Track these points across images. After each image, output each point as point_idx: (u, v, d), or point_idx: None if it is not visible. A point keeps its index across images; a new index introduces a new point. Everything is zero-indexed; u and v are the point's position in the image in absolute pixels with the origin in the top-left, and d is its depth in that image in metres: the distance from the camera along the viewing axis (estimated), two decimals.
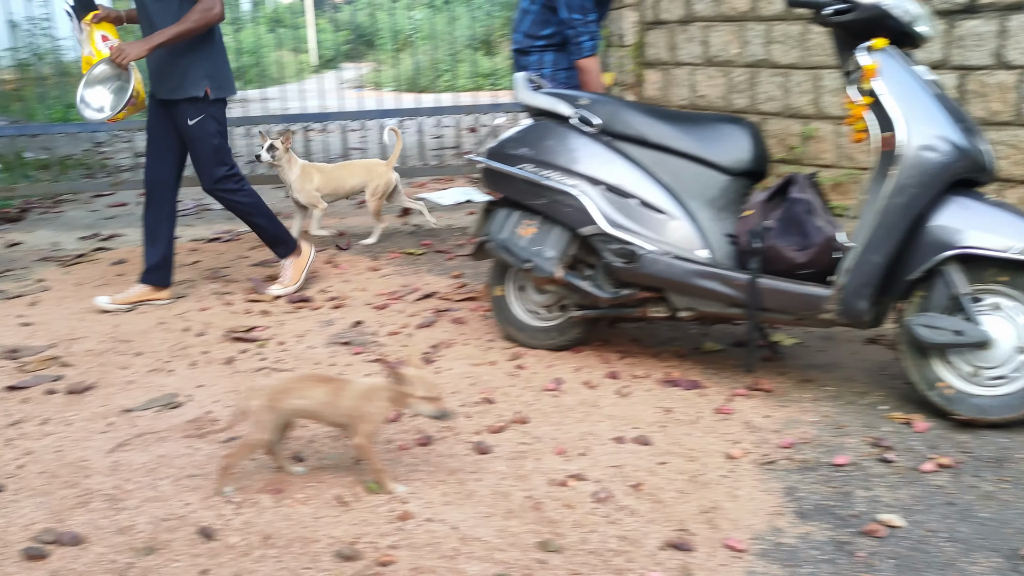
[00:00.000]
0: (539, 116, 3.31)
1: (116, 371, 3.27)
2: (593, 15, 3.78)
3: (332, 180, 4.97)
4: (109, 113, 3.82)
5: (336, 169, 5.07)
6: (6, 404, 3.00)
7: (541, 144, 3.21)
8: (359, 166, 5.16)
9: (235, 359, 3.35)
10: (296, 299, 4.07)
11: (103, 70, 3.84)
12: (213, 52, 3.87)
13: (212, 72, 3.85)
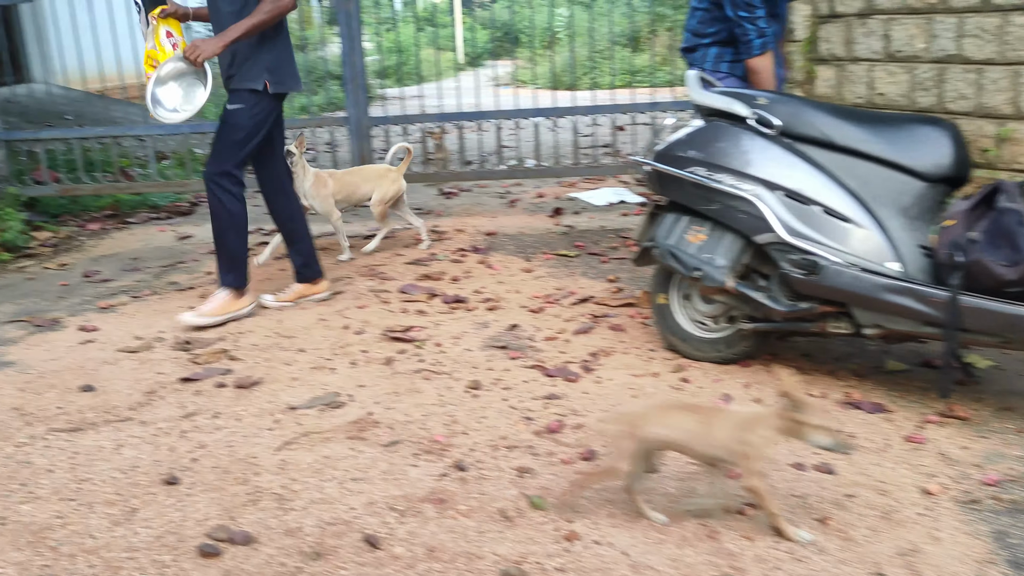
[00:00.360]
0: (712, 116, 3.14)
1: (281, 367, 3.33)
2: (761, 11, 3.54)
3: (345, 186, 4.83)
4: (185, 115, 3.74)
5: (348, 175, 4.93)
6: (180, 395, 3.10)
7: (714, 146, 3.04)
8: (371, 172, 5.03)
9: (394, 359, 3.35)
10: (452, 299, 4.05)
11: (173, 67, 3.74)
12: (276, 45, 3.77)
13: (273, 65, 3.75)
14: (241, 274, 3.90)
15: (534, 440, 2.68)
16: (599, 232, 5.20)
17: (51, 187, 5.90)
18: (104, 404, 3.05)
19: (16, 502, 2.41)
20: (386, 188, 4.90)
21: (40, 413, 3.00)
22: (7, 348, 3.70)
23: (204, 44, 3.61)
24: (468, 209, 6.08)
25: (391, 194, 4.93)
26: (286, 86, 3.83)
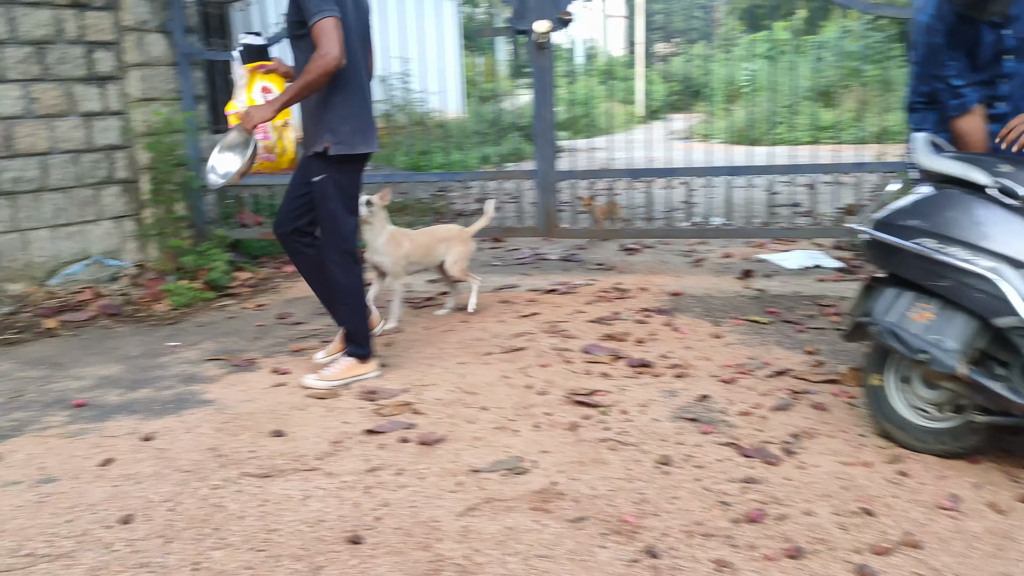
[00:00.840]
0: (942, 183, 2.85)
1: (464, 424, 3.27)
2: (952, 67, 3.10)
3: (420, 247, 4.67)
4: (220, 181, 3.66)
5: (422, 236, 4.75)
6: (365, 447, 3.09)
7: (944, 216, 2.75)
8: (444, 232, 4.89)
9: (579, 425, 3.22)
10: (637, 363, 3.89)
11: (235, 136, 3.67)
12: (341, 105, 3.58)
13: (334, 126, 3.57)
14: (365, 344, 3.84)
15: (732, 529, 2.46)
16: (793, 298, 4.90)
17: (253, 230, 6.22)
18: (293, 451, 3.08)
19: (209, 547, 2.43)
20: (459, 249, 4.83)
21: (234, 455, 3.06)
22: (207, 386, 3.85)
23: (255, 110, 3.52)
24: (651, 267, 5.91)
25: (466, 255, 4.87)
26: (351, 147, 3.62)
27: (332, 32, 3.35)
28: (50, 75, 5.57)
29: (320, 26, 3.35)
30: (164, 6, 5.99)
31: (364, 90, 3.68)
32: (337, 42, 3.36)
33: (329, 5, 3.37)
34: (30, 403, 3.75)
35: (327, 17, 3.35)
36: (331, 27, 3.35)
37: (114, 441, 3.26)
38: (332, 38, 3.35)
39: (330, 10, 3.36)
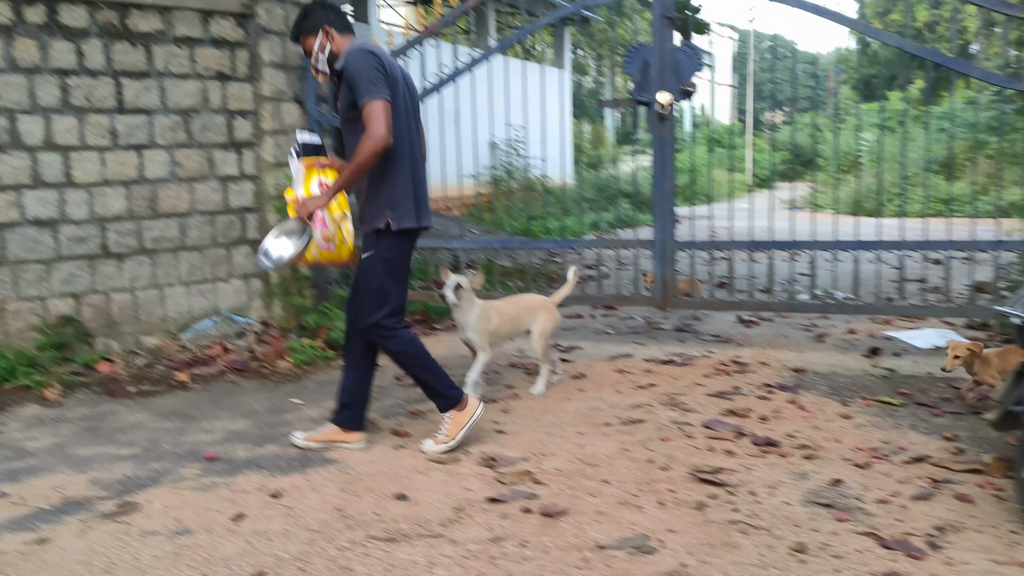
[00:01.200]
0: None
1: (586, 497, 3.22)
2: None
3: (508, 320, 4.54)
4: (269, 264, 3.71)
5: (508, 307, 4.61)
6: (488, 516, 3.08)
7: None
8: (528, 302, 4.73)
9: (705, 505, 3.13)
10: (762, 441, 3.77)
11: (292, 224, 3.74)
12: (397, 181, 3.67)
13: (395, 202, 3.66)
14: (452, 393, 3.83)
15: None
16: (926, 379, 4.68)
17: None
18: (417, 516, 3.10)
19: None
20: (545, 320, 4.66)
21: (360, 517, 3.09)
22: (328, 448, 3.92)
23: (310, 200, 3.62)
24: (770, 340, 5.77)
25: (551, 326, 4.68)
26: (409, 222, 3.70)
27: (381, 114, 3.49)
28: (194, 141, 5.91)
29: (370, 108, 3.49)
30: (299, 78, 6.31)
31: (418, 167, 3.79)
32: (385, 124, 3.48)
33: (379, 88, 3.52)
34: (165, 454, 3.89)
35: (377, 100, 3.49)
36: (380, 109, 3.49)
37: (244, 496, 3.34)
38: (381, 120, 3.48)
39: (380, 93, 3.51)
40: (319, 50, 3.72)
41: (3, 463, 3.86)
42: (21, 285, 5.39)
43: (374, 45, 3.75)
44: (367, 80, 3.50)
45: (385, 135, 3.47)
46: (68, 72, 5.43)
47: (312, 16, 3.74)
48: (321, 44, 3.72)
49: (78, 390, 5.09)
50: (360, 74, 3.52)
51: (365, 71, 3.52)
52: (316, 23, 3.72)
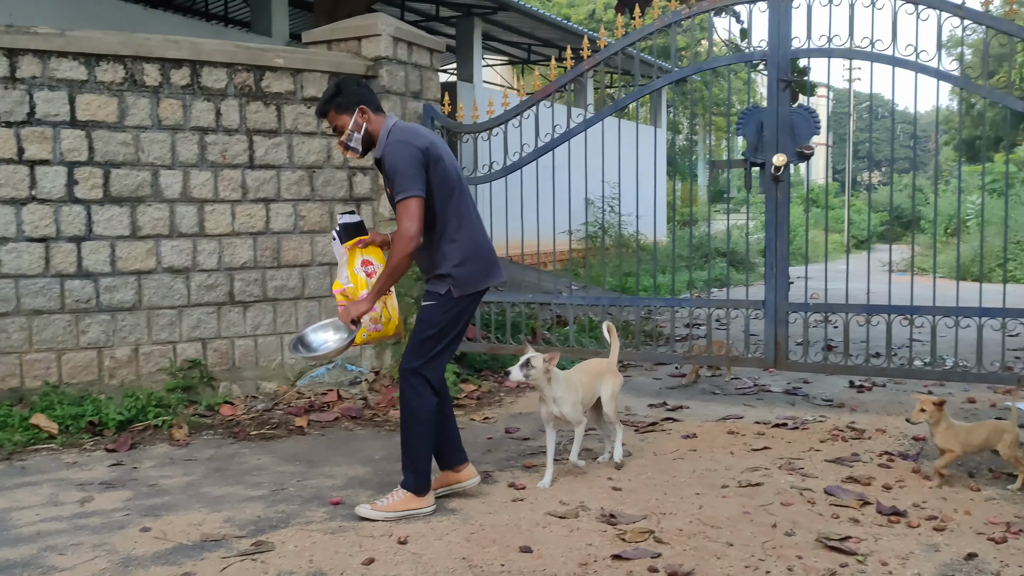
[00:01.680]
0: None
1: (712, 559, 3.21)
2: None
3: (586, 388, 4.30)
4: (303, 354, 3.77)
5: (576, 373, 4.38)
6: (614, 573, 3.10)
7: None
8: (594, 367, 4.52)
9: (835, 573, 3.08)
10: (888, 510, 3.69)
11: (336, 324, 3.83)
12: (457, 248, 3.75)
13: (452, 271, 3.74)
14: (423, 477, 3.78)
15: None
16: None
17: (480, 344, 6.51)
18: (542, 568, 3.14)
19: None
20: (612, 382, 4.46)
21: (486, 567, 3.15)
22: (448, 498, 4.00)
23: (354, 306, 3.69)
24: (886, 407, 5.65)
25: (618, 388, 4.50)
26: (472, 287, 3.78)
27: (414, 213, 3.59)
28: (316, 196, 6.21)
29: (402, 206, 3.61)
30: None
31: (475, 230, 3.85)
32: (417, 223, 3.59)
33: (414, 185, 3.61)
34: (292, 496, 4.04)
35: (410, 198, 3.59)
36: (413, 208, 3.59)
37: (372, 541, 3.44)
38: (413, 220, 3.59)
39: (413, 190, 3.61)
40: (353, 128, 3.77)
41: (142, 499, 4.07)
42: (154, 329, 5.70)
43: (413, 129, 3.82)
44: (403, 176, 3.60)
45: (415, 235, 3.58)
46: (207, 130, 5.79)
47: (347, 94, 3.77)
48: (356, 123, 3.77)
49: (203, 431, 5.33)
50: (396, 169, 3.63)
51: (401, 166, 3.61)
52: (352, 101, 3.77)
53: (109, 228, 5.53)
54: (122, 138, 5.53)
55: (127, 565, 3.25)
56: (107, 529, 3.65)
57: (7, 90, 5.23)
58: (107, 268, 5.54)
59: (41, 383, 5.38)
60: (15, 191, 5.28)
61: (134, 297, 5.62)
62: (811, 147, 5.30)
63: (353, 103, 3.76)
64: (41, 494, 4.15)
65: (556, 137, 6.17)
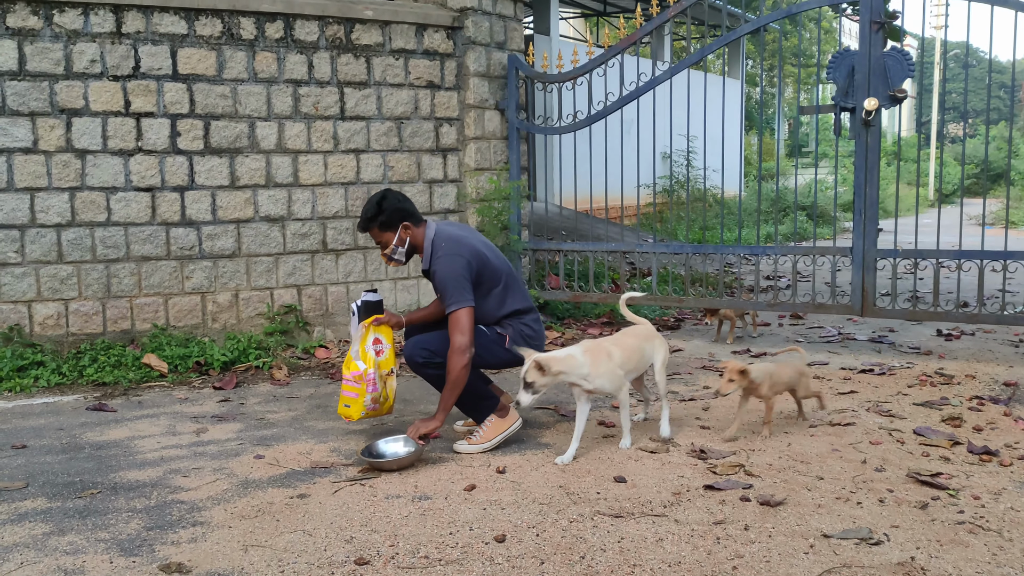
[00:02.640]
0: None
1: (802, 491, 3.29)
2: None
3: (631, 352, 3.94)
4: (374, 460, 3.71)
5: (622, 338, 4.03)
6: (707, 501, 3.21)
7: None
8: (647, 332, 4.11)
9: (928, 505, 3.13)
10: (979, 450, 3.71)
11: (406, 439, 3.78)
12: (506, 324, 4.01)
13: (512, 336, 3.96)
14: (491, 399, 3.99)
15: None
16: None
17: (563, 292, 6.62)
18: (637, 496, 3.26)
19: (579, 572, 2.65)
20: (663, 349, 4.11)
21: (583, 495, 3.30)
22: (542, 431, 4.16)
23: (423, 424, 3.77)
24: (975, 354, 5.59)
25: (667, 356, 4.16)
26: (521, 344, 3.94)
27: (465, 323, 3.75)
28: (404, 147, 6.35)
29: (454, 317, 3.76)
30: (501, 87, 6.65)
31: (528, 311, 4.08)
32: (468, 335, 3.74)
33: (463, 296, 3.77)
34: (391, 431, 4.24)
35: (460, 309, 3.76)
36: (464, 319, 3.76)
37: (472, 471, 3.62)
38: (465, 329, 3.74)
39: (463, 301, 3.77)
40: (398, 244, 3.94)
41: (252, 431, 4.32)
42: (252, 276, 5.96)
43: (456, 238, 3.94)
44: (452, 289, 3.78)
45: (467, 346, 3.73)
46: (300, 82, 5.97)
47: (390, 213, 3.90)
48: (400, 239, 3.94)
49: (301, 372, 5.59)
50: (446, 282, 3.80)
51: (450, 280, 3.79)
52: (395, 220, 3.91)
53: (210, 178, 5.78)
54: (221, 91, 5.75)
55: (246, 487, 3.49)
56: (224, 456, 3.91)
57: (114, 45, 5.48)
58: (208, 217, 5.80)
59: (150, 326, 5.70)
60: (123, 143, 5.56)
61: (234, 245, 5.88)
62: (904, 91, 5.21)
63: (396, 221, 3.94)
64: (160, 425, 4.44)
65: (641, 86, 6.18)
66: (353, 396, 3.94)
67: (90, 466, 3.79)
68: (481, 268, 3.91)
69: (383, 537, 2.93)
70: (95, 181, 5.51)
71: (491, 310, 3.98)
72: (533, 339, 4.02)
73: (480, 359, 3.90)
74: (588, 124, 6.41)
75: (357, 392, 3.93)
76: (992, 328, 6.37)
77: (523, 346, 3.87)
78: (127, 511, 3.24)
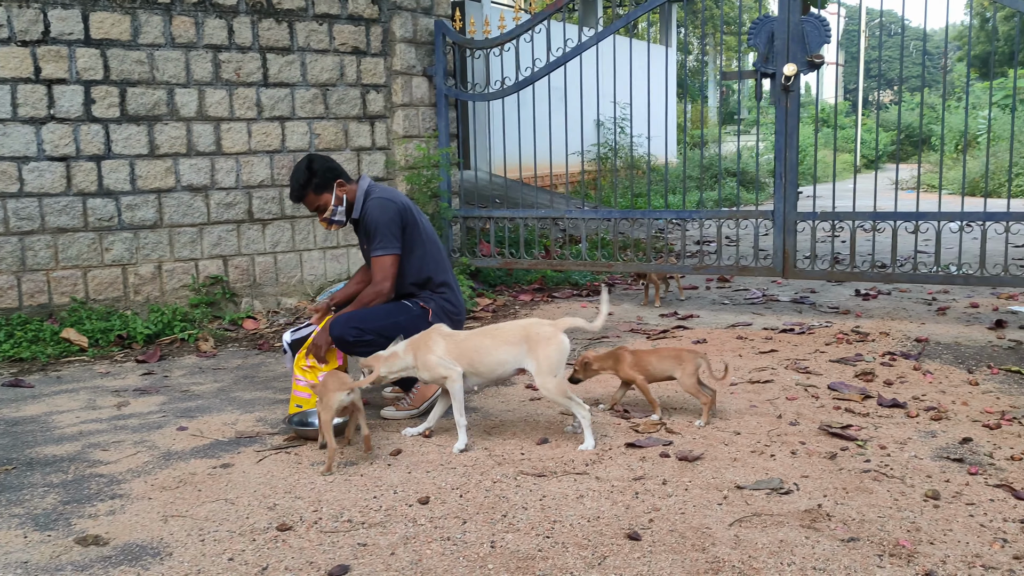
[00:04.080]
0: None
1: (720, 446, 3.39)
2: None
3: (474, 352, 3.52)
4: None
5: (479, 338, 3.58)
6: (628, 459, 3.28)
7: None
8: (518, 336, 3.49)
9: (837, 455, 3.26)
10: (888, 402, 3.86)
11: None
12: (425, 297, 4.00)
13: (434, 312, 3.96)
14: None
15: (1015, 565, 2.43)
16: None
17: (494, 259, 6.65)
18: (560, 456, 3.33)
19: (501, 530, 2.70)
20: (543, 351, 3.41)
21: (508, 456, 3.35)
22: (469, 396, 4.19)
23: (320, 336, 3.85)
24: (890, 312, 5.79)
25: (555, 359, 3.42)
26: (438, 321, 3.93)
27: (390, 269, 3.83)
28: (330, 114, 6.27)
29: (380, 262, 3.83)
30: (428, 53, 6.59)
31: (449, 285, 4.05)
32: (391, 280, 3.83)
33: (393, 243, 3.83)
34: None
35: (387, 255, 3.83)
36: (389, 265, 3.83)
37: (399, 436, 3.64)
38: (389, 275, 3.83)
39: (392, 248, 3.83)
40: (336, 203, 3.92)
41: (176, 403, 4.27)
42: (176, 247, 5.85)
43: (391, 190, 3.97)
44: (381, 234, 3.82)
45: (388, 292, 3.83)
46: (220, 48, 5.84)
47: (322, 173, 3.88)
48: (338, 198, 3.92)
49: (229, 344, 5.53)
50: (377, 225, 3.83)
51: (382, 224, 3.83)
52: (330, 179, 3.89)
53: (128, 147, 5.64)
54: (137, 56, 5.59)
55: (168, 458, 3.45)
56: (145, 429, 3.86)
57: (21, 8, 5.28)
58: (127, 187, 5.66)
59: (69, 299, 5.56)
60: (34, 110, 5.37)
61: (155, 215, 5.75)
62: (821, 56, 5.32)
63: (330, 180, 3.91)
64: (79, 400, 4.36)
65: (568, 51, 6.19)
66: (305, 396, 3.91)
67: (5, 442, 3.70)
68: (410, 223, 3.91)
69: (307, 503, 2.94)
70: (5, 150, 5.33)
71: (413, 267, 3.95)
72: (454, 314, 4.03)
73: (408, 334, 3.89)
74: (516, 91, 6.41)
75: (309, 392, 3.90)
76: (907, 287, 6.60)
77: (444, 320, 3.89)
78: (43, 486, 3.18)
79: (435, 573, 2.42)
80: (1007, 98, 16.91)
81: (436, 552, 2.55)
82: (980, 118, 17.02)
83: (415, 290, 3.99)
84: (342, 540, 2.64)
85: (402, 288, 3.98)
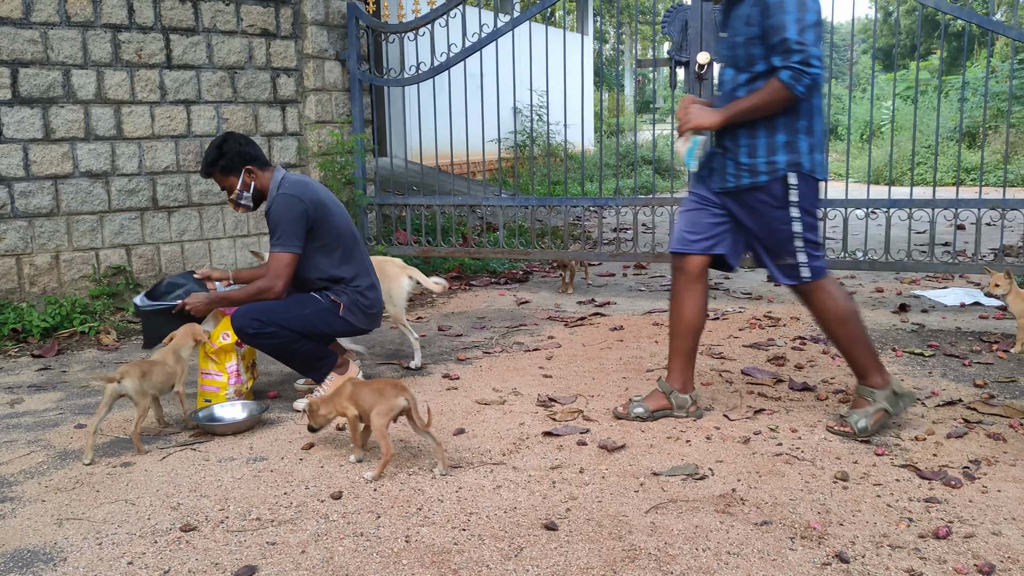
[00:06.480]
0: None
1: (636, 433, 3.40)
2: None
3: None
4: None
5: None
6: (545, 448, 3.26)
7: None
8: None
9: (750, 439, 3.30)
10: (799, 386, 3.94)
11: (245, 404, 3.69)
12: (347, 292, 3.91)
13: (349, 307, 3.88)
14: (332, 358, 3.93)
15: (919, 543, 2.49)
16: (955, 333, 4.83)
17: (411, 247, 6.55)
18: (478, 447, 3.28)
19: (415, 523, 2.64)
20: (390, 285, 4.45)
21: (423, 448, 3.28)
22: None
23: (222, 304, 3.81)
24: None
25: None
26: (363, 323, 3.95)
27: (283, 269, 3.69)
28: (239, 98, 6.06)
29: (278, 257, 3.70)
30: (341, 36, 6.43)
31: (371, 278, 3.96)
32: (284, 280, 3.69)
33: (292, 242, 3.70)
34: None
35: (286, 253, 3.70)
36: (286, 264, 3.70)
37: None
38: (282, 275, 3.69)
39: (291, 247, 3.70)
40: (242, 188, 3.81)
41: (75, 399, 4.07)
42: (74, 235, 5.58)
43: (304, 182, 3.82)
44: (282, 230, 3.68)
45: (280, 290, 3.70)
46: (120, 27, 5.58)
47: (231, 157, 3.77)
48: (245, 183, 3.81)
49: (133, 336, 5.30)
50: (278, 222, 3.69)
51: (283, 221, 3.69)
52: (238, 164, 3.78)
53: (20, 131, 5.34)
54: (29, 35, 5.29)
55: (64, 458, 3.28)
56: (41, 427, 3.66)
57: None
58: (21, 172, 5.37)
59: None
60: None
61: (51, 203, 5.48)
62: None
63: (238, 164, 3.77)
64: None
65: (484, 37, 6.12)
66: (213, 390, 3.78)
67: None
68: (320, 221, 3.78)
69: (213, 502, 2.83)
70: None
71: (322, 266, 3.83)
72: (368, 308, 3.92)
73: (315, 328, 3.79)
74: (431, 76, 6.31)
75: (218, 385, 3.78)
76: None
77: (358, 315, 3.81)
78: None
79: (347, 571, 2.35)
80: (909, 89, 17.53)
81: (348, 549, 2.48)
82: (884, 109, 17.61)
83: (329, 284, 3.87)
84: (250, 539, 2.55)
85: (310, 285, 3.86)
